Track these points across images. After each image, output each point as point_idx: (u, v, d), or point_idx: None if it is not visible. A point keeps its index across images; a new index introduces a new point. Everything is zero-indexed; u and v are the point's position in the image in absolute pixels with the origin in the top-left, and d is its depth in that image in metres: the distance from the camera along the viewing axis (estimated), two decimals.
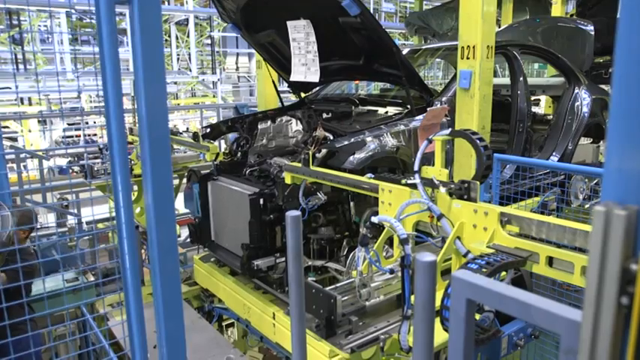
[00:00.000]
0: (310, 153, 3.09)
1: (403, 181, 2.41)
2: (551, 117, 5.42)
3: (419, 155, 2.31)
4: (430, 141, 2.34)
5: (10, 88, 12.32)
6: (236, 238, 3.53)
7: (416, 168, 2.30)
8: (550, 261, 1.88)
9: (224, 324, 4.92)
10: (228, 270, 3.97)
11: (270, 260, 3.29)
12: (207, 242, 4.02)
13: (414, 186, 2.30)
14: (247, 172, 3.81)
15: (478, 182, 2.17)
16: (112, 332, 3.42)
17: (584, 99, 4.83)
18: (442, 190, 2.19)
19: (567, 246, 1.86)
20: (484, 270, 1.70)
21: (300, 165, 3.08)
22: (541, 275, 2.04)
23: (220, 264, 4.10)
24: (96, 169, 5.20)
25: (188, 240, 4.58)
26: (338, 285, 2.39)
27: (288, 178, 3.17)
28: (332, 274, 3.32)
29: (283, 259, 3.27)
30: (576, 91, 4.85)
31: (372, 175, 2.69)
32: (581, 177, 4.73)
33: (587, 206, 4.33)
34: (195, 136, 4.27)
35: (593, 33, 5.55)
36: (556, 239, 1.90)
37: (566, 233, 1.86)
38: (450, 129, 2.43)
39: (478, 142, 2.21)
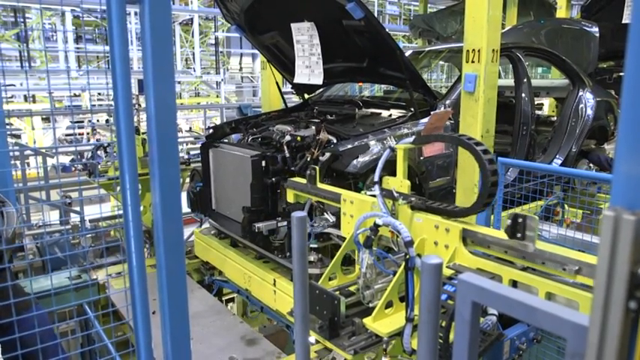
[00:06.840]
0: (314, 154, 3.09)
1: (362, 192, 2.30)
2: (555, 119, 5.42)
3: (380, 165, 2.19)
4: (393, 149, 2.22)
5: (14, 85, 12.38)
6: (237, 204, 3.45)
7: (376, 178, 2.17)
8: (514, 285, 1.75)
9: (224, 299, 4.90)
10: (228, 242, 3.93)
11: (272, 224, 3.19)
12: (207, 211, 3.95)
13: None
14: (249, 139, 3.76)
15: None
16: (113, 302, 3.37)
17: (588, 101, 4.82)
18: (401, 202, 2.08)
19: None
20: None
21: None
22: None
23: (221, 236, 4.05)
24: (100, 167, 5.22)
25: (191, 239, 4.58)
26: (341, 286, 2.39)
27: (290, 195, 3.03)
28: (334, 242, 3.26)
29: (285, 223, 3.18)
30: (580, 93, 4.84)
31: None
32: (585, 161, 4.73)
33: (591, 190, 4.31)
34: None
35: (597, 35, 5.53)
36: (519, 261, 1.77)
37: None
38: (414, 137, 2.27)
39: (477, 149, 2.01)
